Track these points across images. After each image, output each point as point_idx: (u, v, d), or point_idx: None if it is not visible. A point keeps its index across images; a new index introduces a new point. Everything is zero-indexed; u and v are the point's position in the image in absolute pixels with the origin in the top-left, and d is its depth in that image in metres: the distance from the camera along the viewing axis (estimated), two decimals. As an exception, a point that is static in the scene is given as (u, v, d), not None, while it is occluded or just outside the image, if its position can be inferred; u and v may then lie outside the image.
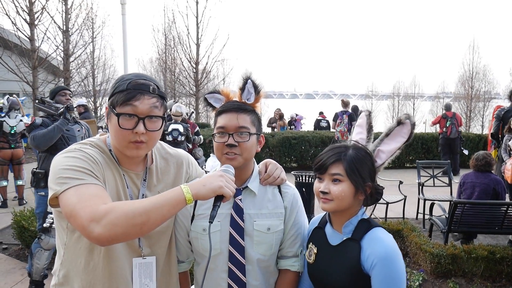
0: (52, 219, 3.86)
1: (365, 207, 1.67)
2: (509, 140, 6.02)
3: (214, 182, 1.41)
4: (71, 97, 4.61)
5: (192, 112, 9.85)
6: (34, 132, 4.10)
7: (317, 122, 15.55)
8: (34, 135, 4.08)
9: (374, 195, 1.64)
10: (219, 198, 1.44)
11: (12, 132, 7.30)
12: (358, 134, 1.78)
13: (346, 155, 1.58)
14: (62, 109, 4.22)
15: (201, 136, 8.24)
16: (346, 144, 1.66)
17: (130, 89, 1.49)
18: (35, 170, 4.19)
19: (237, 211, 1.69)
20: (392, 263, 1.47)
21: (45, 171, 4.08)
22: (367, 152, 1.65)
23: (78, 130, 4.43)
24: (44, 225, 3.93)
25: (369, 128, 1.77)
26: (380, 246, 1.50)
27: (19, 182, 7.64)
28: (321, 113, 16.51)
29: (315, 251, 1.68)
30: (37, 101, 4.42)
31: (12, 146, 7.43)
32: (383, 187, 1.71)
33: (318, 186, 1.61)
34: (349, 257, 1.55)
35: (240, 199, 1.71)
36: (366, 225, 1.59)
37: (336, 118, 10.25)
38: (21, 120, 7.32)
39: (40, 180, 4.10)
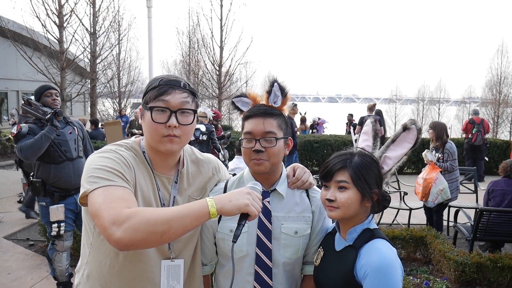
0: (58, 228, 3.81)
1: (372, 215, 1.65)
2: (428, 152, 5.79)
3: (240, 198, 1.38)
4: (57, 96, 4.10)
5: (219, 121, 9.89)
6: (21, 143, 3.70)
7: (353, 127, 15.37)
8: (21, 146, 3.69)
9: (381, 202, 1.62)
10: (244, 217, 1.40)
11: None
12: (364, 141, 1.78)
13: (351, 162, 1.57)
14: (49, 115, 3.79)
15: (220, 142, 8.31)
16: (352, 151, 1.65)
17: (162, 85, 1.53)
18: (32, 179, 3.94)
19: (265, 214, 1.68)
20: (385, 275, 1.42)
21: (41, 180, 3.87)
22: (373, 159, 1.63)
23: (70, 133, 4.02)
24: (52, 233, 3.85)
25: (375, 135, 1.77)
26: (375, 257, 1.46)
27: None
28: (351, 116, 16.36)
29: (322, 254, 1.68)
30: (23, 102, 4.01)
31: None
32: (389, 195, 1.69)
33: (324, 193, 1.60)
34: (346, 264, 1.54)
35: (268, 201, 1.70)
36: (368, 235, 1.56)
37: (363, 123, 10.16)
38: None
39: (39, 189, 3.87)
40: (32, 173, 3.99)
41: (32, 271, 4.78)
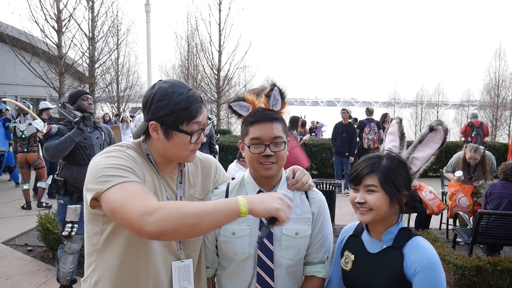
0: (70, 228, 3.88)
1: (402, 216, 1.66)
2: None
3: (272, 202, 1.39)
4: (92, 101, 4.38)
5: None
6: (48, 143, 3.94)
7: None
8: (46, 146, 3.93)
9: (410, 203, 1.64)
10: (273, 221, 1.41)
11: (23, 136, 7.51)
12: (390, 142, 1.78)
13: (380, 165, 1.58)
14: (77, 119, 4.02)
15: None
16: (380, 154, 1.66)
17: (191, 105, 1.52)
18: (55, 177, 4.13)
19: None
20: (435, 271, 1.49)
21: (64, 179, 4.02)
22: (401, 161, 1.64)
23: (97, 137, 4.23)
24: (63, 233, 3.92)
25: (401, 135, 1.77)
26: (423, 254, 1.52)
27: (38, 184, 7.84)
28: (355, 120, 16.32)
29: (352, 258, 1.68)
30: (59, 104, 4.25)
31: (25, 150, 7.57)
32: (418, 196, 1.70)
33: (353, 196, 1.62)
34: (391, 264, 1.56)
35: None
36: (407, 234, 1.60)
37: (363, 126, 10.06)
38: (30, 124, 7.47)
39: (60, 187, 4.04)
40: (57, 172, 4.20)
41: (31, 276, 4.76)
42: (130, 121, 14.43)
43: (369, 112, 10.33)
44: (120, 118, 14.77)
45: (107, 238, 1.54)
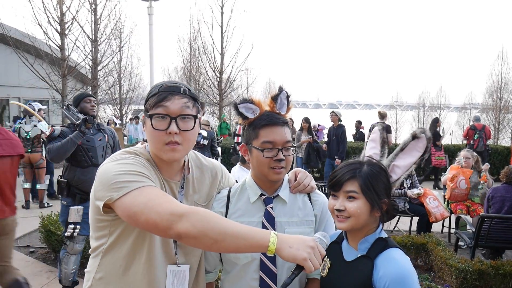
0: (73, 229, 3.92)
1: (382, 225, 1.63)
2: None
3: (301, 249, 1.34)
4: (95, 104, 4.42)
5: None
6: (50, 145, 3.99)
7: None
8: (49, 148, 3.99)
9: (390, 211, 1.60)
10: (300, 268, 1.38)
11: (28, 137, 7.67)
12: (371, 149, 1.74)
13: (361, 171, 1.55)
14: (79, 121, 4.05)
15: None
16: (360, 160, 1.63)
17: (161, 92, 1.53)
18: (59, 178, 4.17)
19: (268, 219, 1.70)
20: (405, 286, 1.43)
21: (67, 181, 4.06)
22: (382, 168, 1.61)
23: (100, 140, 4.25)
24: (66, 234, 3.96)
25: (383, 142, 1.74)
26: (394, 267, 1.46)
27: (38, 186, 7.93)
28: (359, 122, 16.34)
29: (329, 264, 1.66)
30: (64, 107, 4.31)
31: (29, 150, 7.67)
32: (397, 203, 1.67)
33: (333, 203, 1.58)
34: (361, 274, 1.52)
35: (272, 207, 1.72)
36: (382, 244, 1.55)
37: (371, 129, 10.14)
38: (35, 125, 7.71)
39: (63, 189, 4.08)
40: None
41: (33, 278, 4.76)
42: (115, 124, 14.59)
43: (381, 115, 10.39)
44: (107, 121, 14.92)
45: (115, 240, 1.55)
